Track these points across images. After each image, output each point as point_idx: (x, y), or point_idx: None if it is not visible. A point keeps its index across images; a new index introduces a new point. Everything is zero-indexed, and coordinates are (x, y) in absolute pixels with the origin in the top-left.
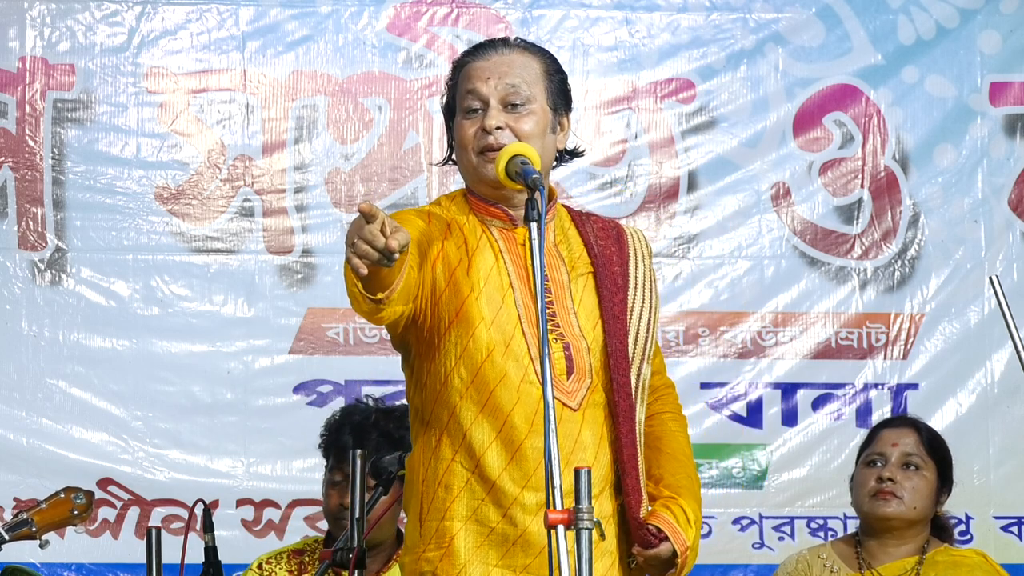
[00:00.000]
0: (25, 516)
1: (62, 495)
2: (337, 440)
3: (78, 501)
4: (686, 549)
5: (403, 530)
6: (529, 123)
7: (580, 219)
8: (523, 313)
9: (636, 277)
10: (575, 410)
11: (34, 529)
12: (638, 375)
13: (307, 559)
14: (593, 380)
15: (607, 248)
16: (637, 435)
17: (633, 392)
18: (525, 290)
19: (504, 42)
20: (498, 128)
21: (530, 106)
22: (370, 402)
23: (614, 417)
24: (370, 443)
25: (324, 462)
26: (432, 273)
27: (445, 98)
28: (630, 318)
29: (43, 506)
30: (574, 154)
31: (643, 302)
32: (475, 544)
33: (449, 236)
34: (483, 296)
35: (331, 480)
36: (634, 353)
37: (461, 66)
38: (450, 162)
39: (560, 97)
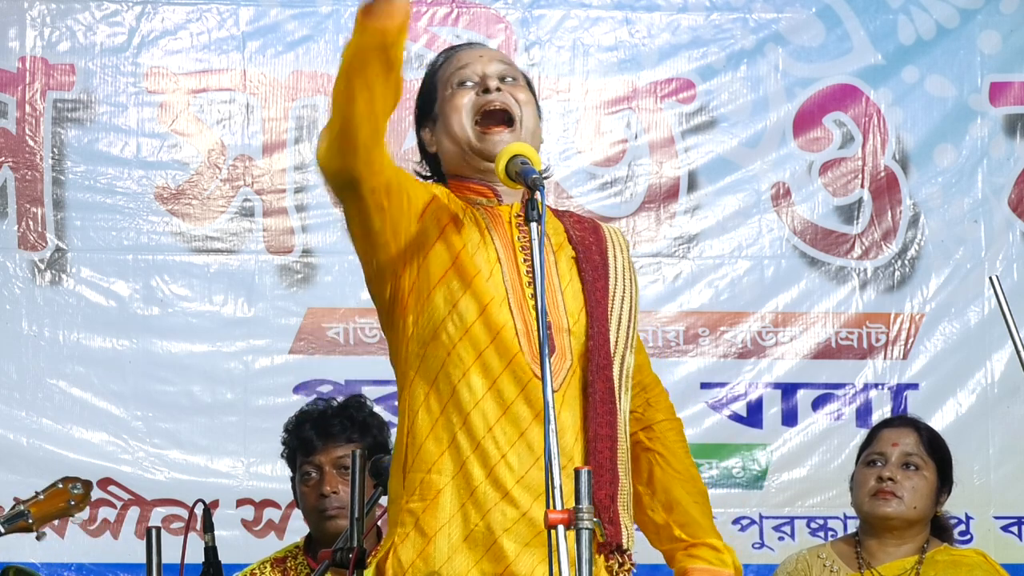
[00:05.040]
0: (22, 508)
1: (60, 485)
2: (299, 436)
3: (75, 491)
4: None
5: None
6: (524, 93)
7: (557, 213)
8: (510, 291)
9: (616, 268)
10: (555, 391)
11: (31, 521)
12: (621, 363)
13: (290, 564)
14: (574, 363)
15: (585, 239)
16: (617, 418)
17: (616, 377)
18: (512, 268)
19: (481, 45)
20: (498, 89)
21: (522, 83)
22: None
23: (589, 398)
24: (334, 429)
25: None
26: (422, 222)
27: (417, 104)
28: (611, 306)
29: (40, 497)
30: None
31: (623, 292)
32: (459, 502)
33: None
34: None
35: (304, 475)
36: (617, 340)
37: (440, 64)
38: (425, 161)
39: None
